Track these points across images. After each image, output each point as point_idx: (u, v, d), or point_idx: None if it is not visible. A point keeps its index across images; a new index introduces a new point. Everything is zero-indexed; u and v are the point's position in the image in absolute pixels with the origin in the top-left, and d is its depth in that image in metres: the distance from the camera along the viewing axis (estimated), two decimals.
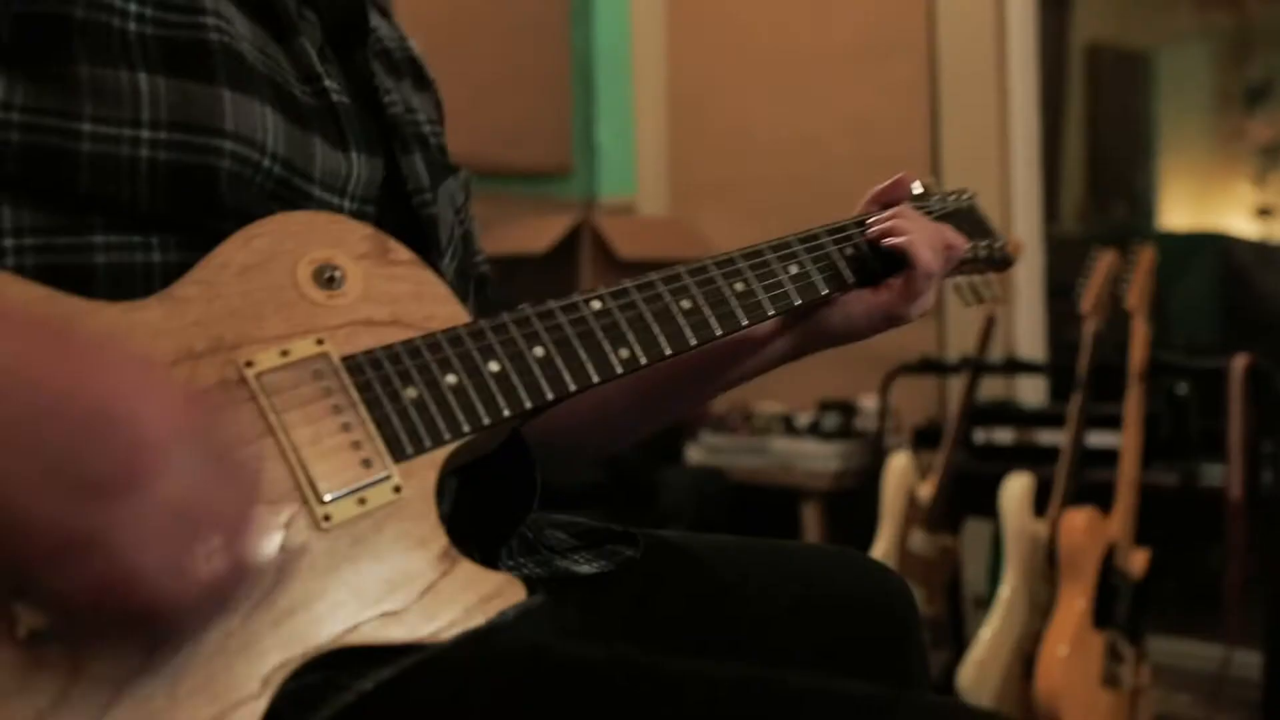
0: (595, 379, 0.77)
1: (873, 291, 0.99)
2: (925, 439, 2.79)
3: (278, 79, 0.80)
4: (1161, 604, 2.41)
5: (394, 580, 0.66)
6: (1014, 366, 2.91)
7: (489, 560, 0.73)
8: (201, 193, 0.74)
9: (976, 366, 2.59)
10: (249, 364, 0.67)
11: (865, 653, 0.99)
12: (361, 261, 0.74)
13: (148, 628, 0.57)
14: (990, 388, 2.95)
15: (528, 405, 0.74)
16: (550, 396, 0.75)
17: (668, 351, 0.82)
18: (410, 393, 0.70)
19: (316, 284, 0.72)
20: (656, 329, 0.81)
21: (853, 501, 2.89)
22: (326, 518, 0.65)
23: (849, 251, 0.98)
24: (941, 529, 2.53)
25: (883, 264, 0.99)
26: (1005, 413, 2.78)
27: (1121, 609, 2.24)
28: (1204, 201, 5.38)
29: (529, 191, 3.54)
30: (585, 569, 0.93)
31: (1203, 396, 2.50)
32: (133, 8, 0.74)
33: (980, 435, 2.72)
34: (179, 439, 0.56)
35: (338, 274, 0.73)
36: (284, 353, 0.68)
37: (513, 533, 0.90)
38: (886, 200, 1.06)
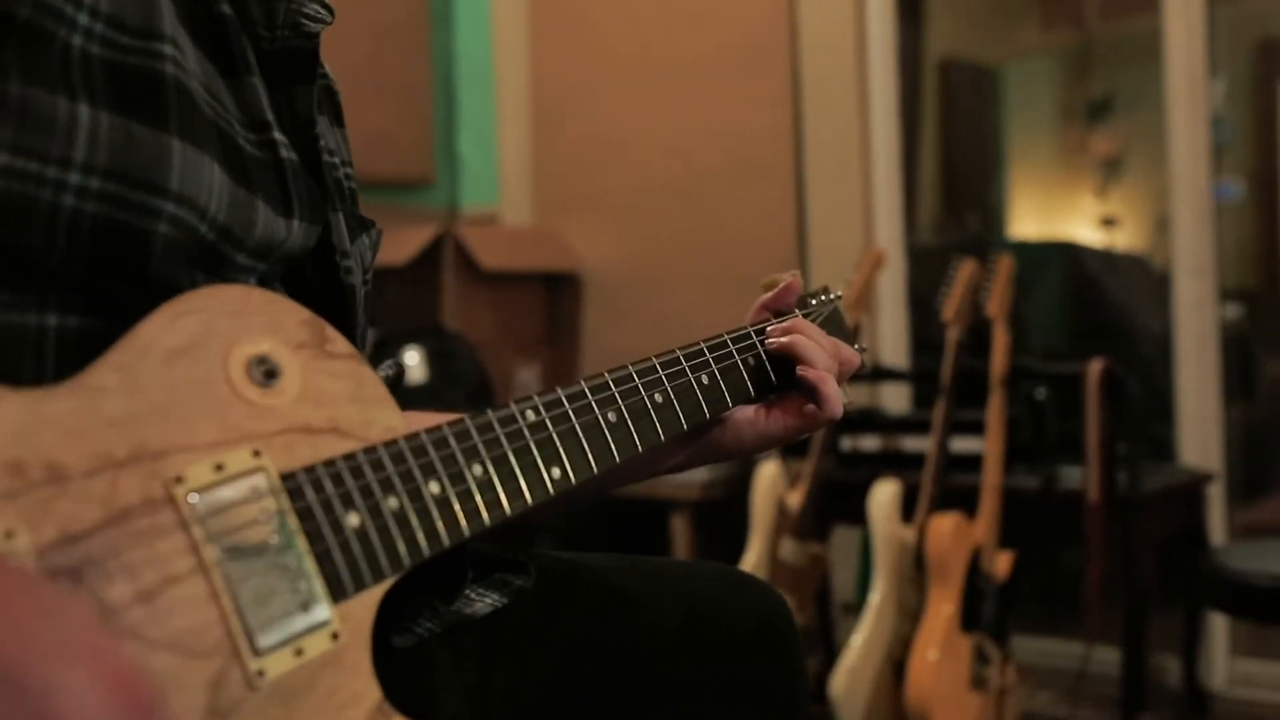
0: (530, 501, 0.75)
1: (767, 416, 0.97)
2: (792, 447, 2.80)
3: (223, 126, 0.71)
4: (1023, 604, 2.45)
5: None
6: (878, 374, 2.95)
7: (385, 625, 0.67)
8: (127, 258, 0.64)
9: None
10: (179, 480, 0.59)
11: (753, 674, 1.00)
12: (299, 353, 0.67)
13: None
14: (855, 395, 2.98)
15: (466, 533, 0.70)
16: (488, 523, 0.72)
17: (595, 470, 0.80)
18: (352, 520, 0.64)
19: (250, 379, 0.64)
20: (586, 445, 0.80)
21: (722, 512, 2.88)
22: (260, 673, 0.58)
23: (751, 362, 0.96)
24: (810, 537, 2.54)
25: (779, 375, 0.98)
26: (870, 420, 2.80)
27: (988, 612, 2.28)
28: (1051, 212, 5.57)
29: (389, 202, 3.45)
30: (479, 608, 0.88)
31: (1059, 401, 2.57)
32: (83, 20, 0.63)
33: (846, 443, 2.74)
34: None
35: (275, 368, 0.65)
36: (218, 467, 0.60)
37: (426, 615, 0.85)
38: (777, 308, 1.04)
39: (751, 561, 2.45)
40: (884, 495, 2.32)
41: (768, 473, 2.52)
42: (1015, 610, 2.39)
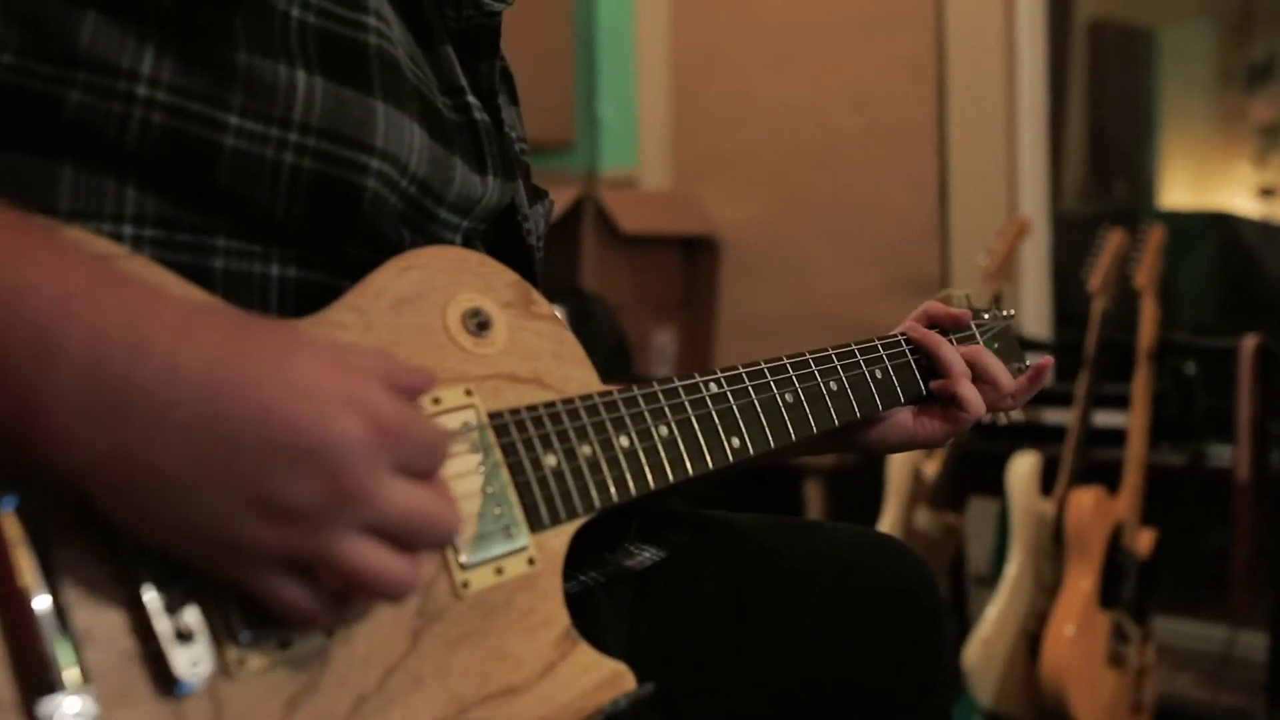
0: (710, 465, 0.79)
1: (915, 420, 1.01)
2: None
3: (424, 90, 0.77)
4: (1165, 583, 2.40)
5: (517, 657, 0.66)
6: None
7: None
8: (340, 210, 0.70)
9: None
10: None
11: (896, 635, 1.02)
12: (507, 310, 0.74)
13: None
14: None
15: (653, 486, 0.75)
16: (672, 479, 0.77)
17: (771, 445, 0.85)
18: (550, 460, 0.71)
19: (465, 329, 0.71)
20: (764, 420, 0.85)
21: (855, 480, 2.87)
22: (465, 585, 0.65)
23: (924, 362, 1.01)
24: (946, 507, 2.52)
25: (930, 377, 1.02)
26: None
27: (1128, 589, 2.24)
28: (1204, 181, 5.37)
29: (530, 164, 3.50)
30: (637, 561, 0.93)
31: (1209, 376, 2.49)
32: None
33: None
34: (377, 458, 0.55)
35: (487, 321, 0.72)
36: (436, 400, 0.67)
37: (591, 563, 0.90)
38: (942, 327, 1.06)
39: (885, 529, 2.44)
40: (1023, 467, 2.29)
41: None
42: (1157, 589, 2.34)
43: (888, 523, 2.45)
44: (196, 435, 0.52)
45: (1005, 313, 1.16)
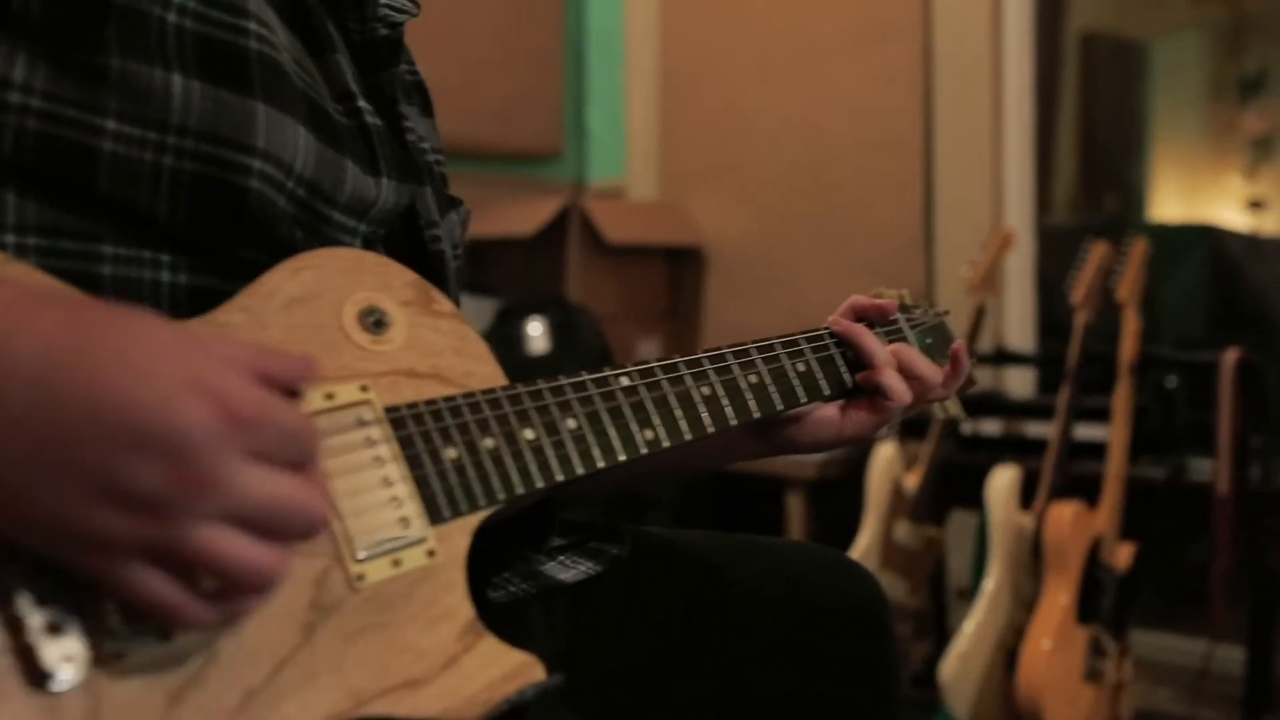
0: (621, 457, 0.78)
1: (843, 416, 0.99)
2: (911, 429, 2.77)
3: (313, 95, 0.77)
4: (1144, 597, 2.40)
5: (419, 650, 0.65)
6: (1002, 357, 2.90)
7: (478, 581, 0.71)
8: (224, 212, 0.70)
9: None
10: None
11: (846, 651, 1.02)
12: (406, 308, 0.73)
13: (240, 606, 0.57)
14: (978, 378, 2.93)
15: (559, 478, 0.74)
16: (580, 471, 0.75)
17: (688, 436, 0.83)
18: (450, 453, 0.70)
19: (362, 327, 0.71)
20: (679, 413, 0.83)
21: (837, 492, 2.87)
22: (360, 577, 0.64)
23: (850, 355, 0.99)
24: (926, 520, 2.51)
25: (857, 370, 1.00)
26: (992, 404, 2.76)
27: (1106, 603, 2.23)
28: (1195, 193, 5.37)
29: (517, 173, 3.51)
30: (572, 574, 0.92)
31: (1192, 390, 2.49)
32: None
33: (967, 426, 2.71)
34: (227, 446, 0.53)
35: (384, 319, 0.72)
36: (329, 396, 0.67)
37: (514, 563, 0.89)
38: (868, 319, 1.05)
39: (865, 542, 2.44)
40: (1002, 481, 2.28)
41: (884, 454, 2.50)
42: (1136, 603, 2.34)
43: (868, 535, 2.45)
44: (32, 424, 0.51)
45: (937, 309, 1.14)
